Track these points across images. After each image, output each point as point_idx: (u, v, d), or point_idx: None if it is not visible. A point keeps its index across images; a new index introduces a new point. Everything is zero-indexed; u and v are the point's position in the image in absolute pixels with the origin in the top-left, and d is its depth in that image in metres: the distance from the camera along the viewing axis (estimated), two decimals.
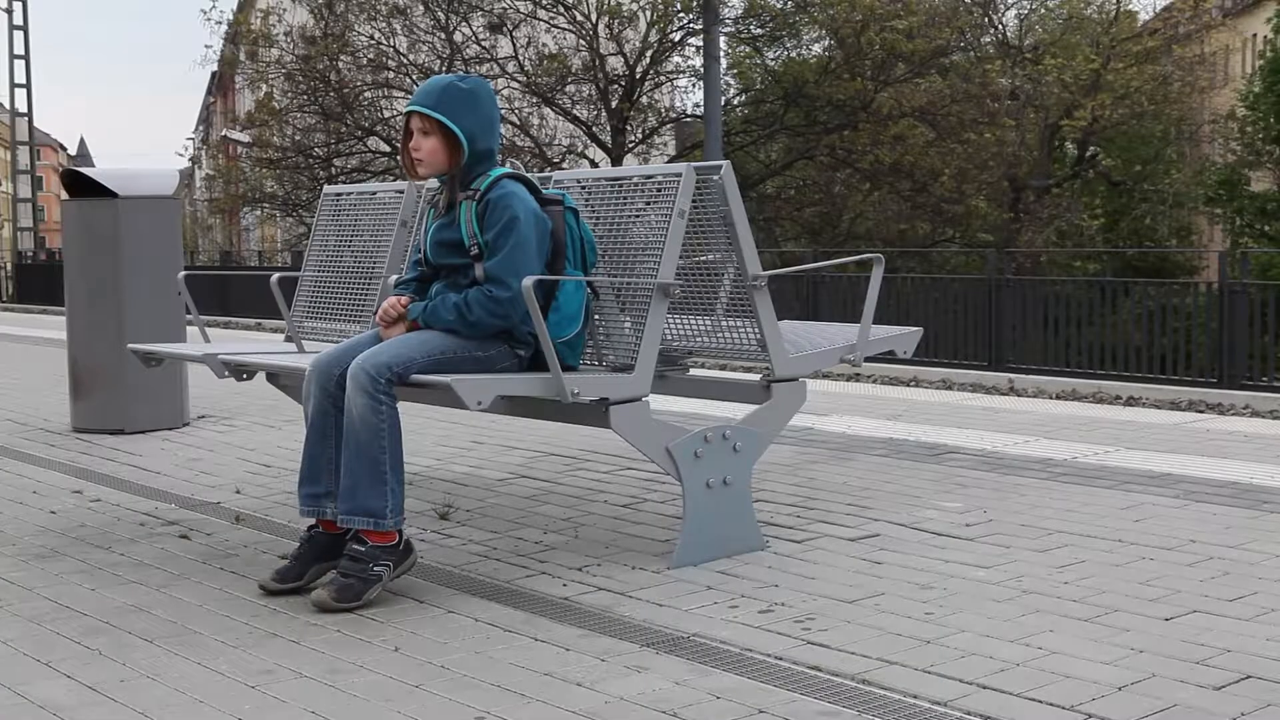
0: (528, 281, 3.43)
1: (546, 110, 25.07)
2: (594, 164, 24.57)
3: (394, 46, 24.80)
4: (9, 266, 36.08)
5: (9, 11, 38.25)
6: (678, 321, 4.34)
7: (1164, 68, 30.20)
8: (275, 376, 4.82)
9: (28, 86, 38.93)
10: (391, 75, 24.94)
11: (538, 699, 2.76)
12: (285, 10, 29.14)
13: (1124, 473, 4.99)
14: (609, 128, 24.60)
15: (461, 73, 6.63)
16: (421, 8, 24.44)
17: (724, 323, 4.21)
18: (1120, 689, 2.74)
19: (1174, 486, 4.72)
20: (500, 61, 24.50)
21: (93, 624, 3.35)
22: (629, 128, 24.90)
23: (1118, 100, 28.28)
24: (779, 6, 25.15)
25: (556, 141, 25.47)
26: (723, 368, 9.70)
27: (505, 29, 24.45)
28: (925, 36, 23.93)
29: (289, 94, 25.87)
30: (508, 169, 3.72)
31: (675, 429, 3.80)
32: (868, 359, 4.44)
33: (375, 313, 3.78)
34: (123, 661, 3.05)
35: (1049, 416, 6.59)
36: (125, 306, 6.51)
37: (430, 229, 3.77)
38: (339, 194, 5.17)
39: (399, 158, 4.07)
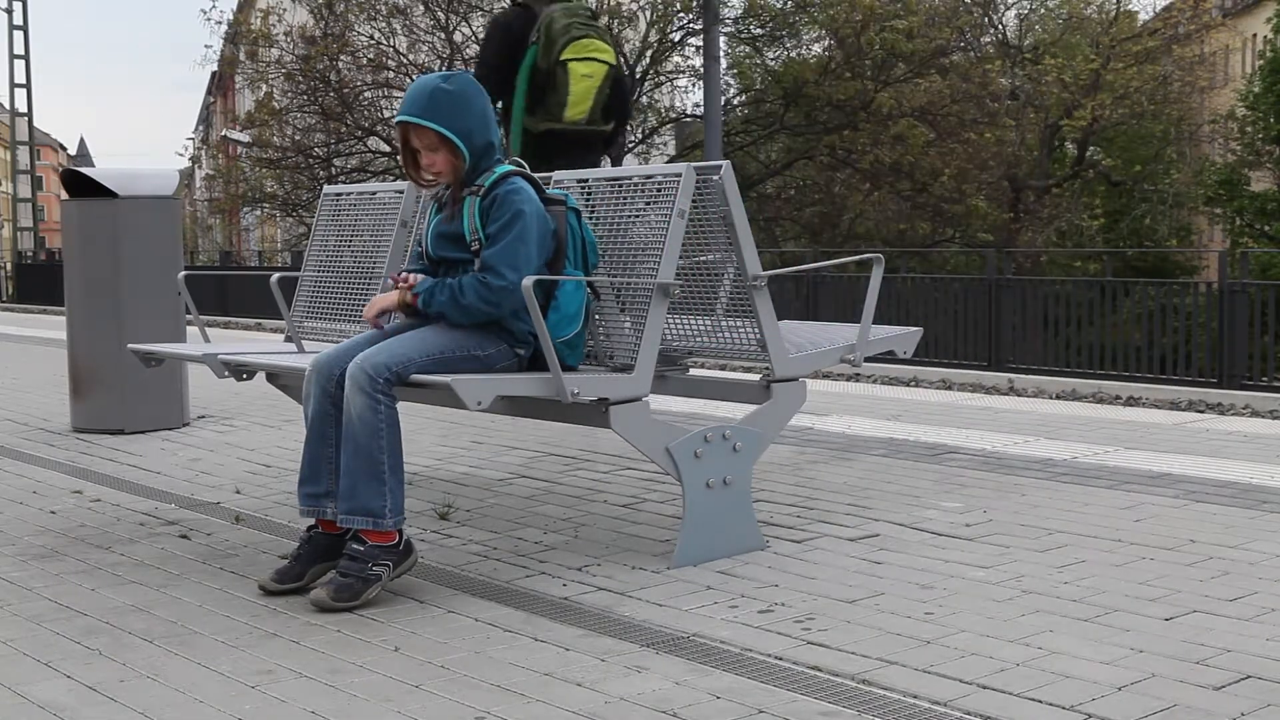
0: (528, 281, 3.43)
1: None
2: None
3: (394, 46, 24.80)
4: (9, 266, 36.10)
5: (9, 11, 38.26)
6: (678, 321, 4.34)
7: (1164, 68, 30.20)
8: (275, 376, 4.82)
9: (28, 86, 38.97)
10: (391, 75, 24.93)
11: (538, 699, 2.76)
12: (285, 10, 29.15)
13: (1124, 473, 4.99)
14: None
15: (444, 71, 6.57)
16: (421, 8, 24.43)
17: (724, 323, 4.21)
18: (1120, 689, 2.74)
19: (1174, 486, 4.71)
20: None
21: (93, 624, 3.35)
22: (629, 128, 24.88)
23: (1117, 100, 28.29)
24: (779, 6, 25.16)
25: None
26: (723, 368, 9.71)
27: None
28: (925, 36, 23.96)
29: (289, 94, 25.86)
30: (512, 166, 3.72)
31: (675, 429, 3.80)
32: (868, 359, 4.44)
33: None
34: (123, 661, 3.05)
35: (1049, 416, 6.59)
36: (125, 306, 6.50)
37: (433, 222, 3.78)
38: (339, 194, 5.17)
39: (398, 158, 4.05)
